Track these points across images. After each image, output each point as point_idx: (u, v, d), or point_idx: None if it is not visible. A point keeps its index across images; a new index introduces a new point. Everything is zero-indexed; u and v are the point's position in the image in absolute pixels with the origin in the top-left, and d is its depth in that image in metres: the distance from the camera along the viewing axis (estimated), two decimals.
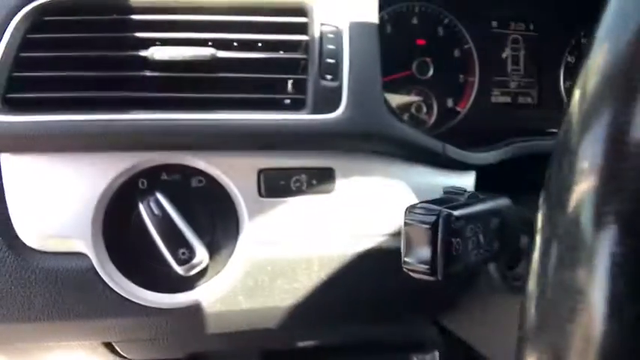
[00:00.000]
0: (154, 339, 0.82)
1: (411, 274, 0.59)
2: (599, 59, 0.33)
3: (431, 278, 0.57)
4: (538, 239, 0.36)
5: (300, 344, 1.10)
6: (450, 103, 1.05)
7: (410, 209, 0.59)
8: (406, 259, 0.59)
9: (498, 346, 0.82)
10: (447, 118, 1.05)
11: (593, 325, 0.31)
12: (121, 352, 0.96)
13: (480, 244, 0.60)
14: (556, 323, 0.33)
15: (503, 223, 0.64)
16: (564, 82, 1.11)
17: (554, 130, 1.07)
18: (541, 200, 0.36)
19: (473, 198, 0.62)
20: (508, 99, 1.09)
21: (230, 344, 0.97)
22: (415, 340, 1.24)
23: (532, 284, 0.36)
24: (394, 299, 0.88)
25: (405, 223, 0.59)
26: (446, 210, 0.56)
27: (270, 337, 0.90)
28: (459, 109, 1.05)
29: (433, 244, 0.56)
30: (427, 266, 0.57)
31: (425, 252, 0.57)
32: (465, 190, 0.63)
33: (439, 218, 0.56)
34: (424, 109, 1.03)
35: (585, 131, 0.32)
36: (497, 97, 1.08)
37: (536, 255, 0.36)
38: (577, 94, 0.34)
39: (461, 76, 1.06)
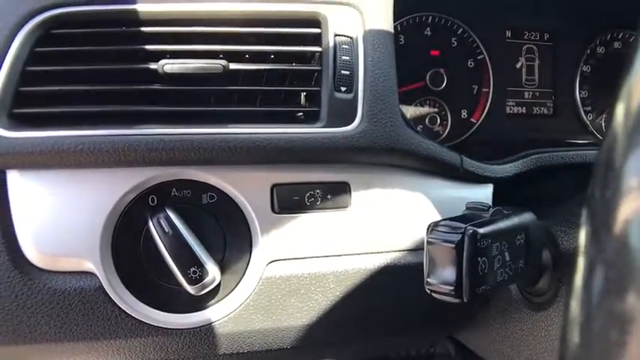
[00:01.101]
0: None
1: (434, 295, 0.56)
2: None
3: (456, 300, 0.54)
4: (581, 261, 0.33)
5: None
6: (464, 114, 1.04)
7: (433, 227, 0.57)
8: (429, 279, 0.56)
9: None
10: (461, 129, 1.04)
11: None
12: None
13: (505, 262, 0.57)
14: (603, 355, 0.30)
15: (528, 240, 0.61)
16: (580, 92, 1.10)
17: (571, 141, 1.05)
18: (584, 218, 0.34)
19: (497, 214, 0.60)
20: (523, 109, 1.08)
21: None
22: (430, 354, 1.22)
23: (575, 310, 0.33)
24: (410, 316, 0.86)
25: (428, 242, 0.56)
26: (471, 228, 0.53)
27: (284, 358, 0.88)
28: (473, 120, 1.04)
29: (458, 264, 0.53)
30: (451, 287, 0.54)
31: (449, 272, 0.54)
32: (490, 206, 0.61)
33: (464, 237, 0.53)
34: (438, 121, 1.02)
35: (632, 146, 0.30)
36: (512, 108, 1.07)
37: (578, 278, 0.33)
38: (620, 108, 0.31)
39: (475, 86, 1.04)
